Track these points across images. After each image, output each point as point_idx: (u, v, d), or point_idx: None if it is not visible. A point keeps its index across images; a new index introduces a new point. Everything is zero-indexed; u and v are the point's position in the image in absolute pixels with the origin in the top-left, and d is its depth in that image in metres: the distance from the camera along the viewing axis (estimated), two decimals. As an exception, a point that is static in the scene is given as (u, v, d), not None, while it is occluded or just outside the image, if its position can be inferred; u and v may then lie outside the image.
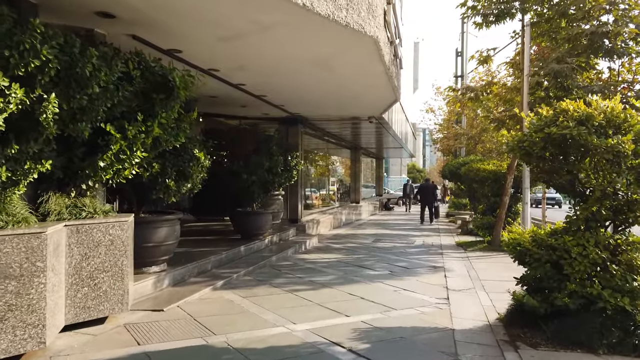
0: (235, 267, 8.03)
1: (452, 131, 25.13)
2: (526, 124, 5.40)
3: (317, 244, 12.31)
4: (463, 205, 22.44)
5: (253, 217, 9.78)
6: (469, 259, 10.48)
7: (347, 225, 18.34)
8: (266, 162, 9.54)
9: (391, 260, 9.96)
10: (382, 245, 12.52)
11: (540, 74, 11.21)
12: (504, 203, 12.09)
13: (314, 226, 14.34)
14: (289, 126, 13.43)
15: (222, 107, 10.64)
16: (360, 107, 11.04)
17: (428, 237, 14.56)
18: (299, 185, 13.37)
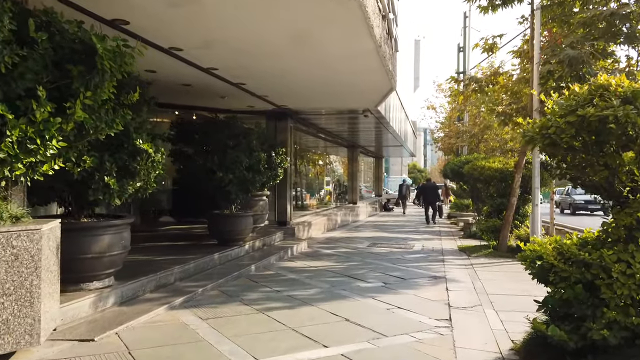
0: (204, 280, 6.90)
1: (453, 129, 23.96)
2: (548, 107, 4.27)
3: (306, 249, 11.18)
4: (465, 206, 21.26)
5: (231, 221, 8.65)
6: (473, 266, 9.33)
7: (342, 228, 17.20)
8: (245, 158, 8.41)
9: (386, 268, 8.82)
10: (378, 250, 11.38)
11: (552, 62, 10.06)
12: (512, 204, 10.95)
13: (305, 229, 13.20)
14: (277, 121, 12.31)
15: (199, 97, 9.52)
16: (352, 97, 9.91)
17: (428, 241, 13.41)
18: (287, 185, 12.25)
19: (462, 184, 16.10)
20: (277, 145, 10.03)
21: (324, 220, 15.34)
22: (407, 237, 14.28)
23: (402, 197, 25.75)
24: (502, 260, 10.17)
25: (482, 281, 7.86)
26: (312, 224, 13.89)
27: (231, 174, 8.31)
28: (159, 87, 8.56)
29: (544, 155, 11.67)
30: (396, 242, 12.92)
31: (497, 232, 11.42)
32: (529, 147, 4.72)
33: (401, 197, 25.85)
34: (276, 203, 12.28)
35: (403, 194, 25.80)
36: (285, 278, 7.71)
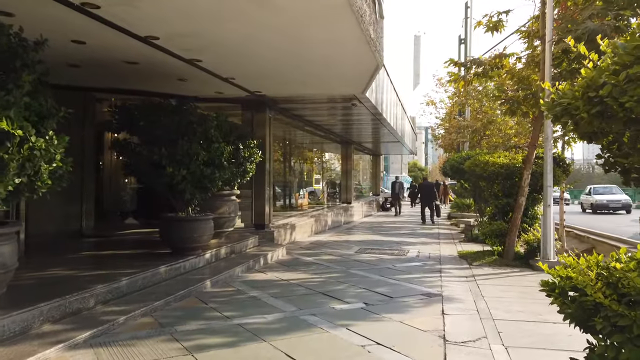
0: (137, 302, 5.42)
1: (453, 123, 22.42)
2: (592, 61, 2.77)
3: (284, 256, 9.69)
4: (467, 206, 19.75)
5: (185, 226, 7.16)
6: (475, 279, 7.84)
7: (333, 230, 15.71)
8: (201, 150, 6.92)
9: (372, 282, 7.34)
10: (367, 257, 9.89)
11: (567, 39, 8.55)
12: (519, 205, 9.45)
13: (287, 232, 11.72)
14: (254, 111, 10.83)
15: (151, 80, 8.04)
16: (332, 80, 8.42)
17: (425, 246, 11.91)
18: (266, 184, 10.77)
19: (463, 182, 14.59)
20: (248, 136, 8.54)
21: (311, 221, 13.85)
22: (401, 241, 12.78)
23: (395, 197, 23.71)
24: (508, 270, 8.68)
25: (486, 300, 6.37)
26: (296, 226, 12.41)
27: (184, 169, 6.83)
28: (97, 65, 7.09)
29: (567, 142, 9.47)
30: (389, 248, 11.42)
31: (503, 236, 9.93)
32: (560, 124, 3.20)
33: (394, 197, 23.79)
34: (253, 204, 10.80)
35: (396, 193, 23.55)
36: (244, 297, 6.22)
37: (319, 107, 11.81)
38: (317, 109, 12.24)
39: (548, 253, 8.86)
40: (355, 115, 13.50)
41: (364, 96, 9.76)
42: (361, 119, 14.21)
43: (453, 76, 10.08)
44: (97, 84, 8.63)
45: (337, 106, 11.68)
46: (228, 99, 10.11)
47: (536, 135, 9.60)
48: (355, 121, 14.97)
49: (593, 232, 15.70)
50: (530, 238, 9.67)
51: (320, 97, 10.19)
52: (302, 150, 17.04)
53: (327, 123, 15.33)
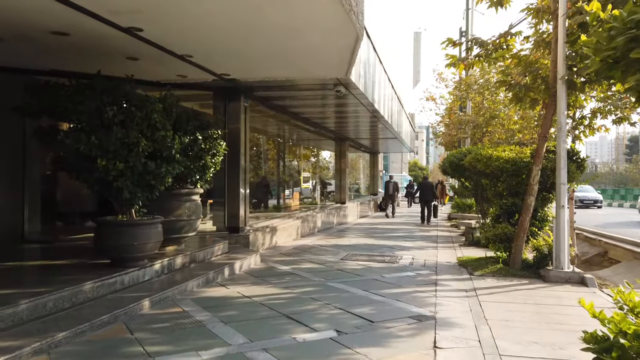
0: (35, 333, 4.13)
1: (454, 119, 21.08)
2: None
3: (257, 265, 8.39)
4: (468, 206, 18.41)
5: (124, 231, 5.85)
6: (477, 293, 6.53)
7: (323, 232, 14.41)
8: (142, 140, 5.62)
9: (352, 299, 6.04)
10: (353, 265, 8.58)
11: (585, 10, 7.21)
12: (528, 205, 8.12)
13: (266, 236, 10.41)
14: (227, 100, 9.53)
15: (94, 59, 6.73)
16: (306, 58, 7.09)
17: (421, 251, 10.59)
18: (240, 182, 9.47)
19: (464, 180, 13.26)
20: (211, 126, 7.23)
21: (296, 224, 12.54)
22: (395, 246, 11.46)
23: (389, 197, 21.40)
24: (515, 282, 7.36)
25: (490, 324, 5.06)
26: (277, 229, 11.10)
27: (121, 162, 5.53)
28: (23, 38, 5.81)
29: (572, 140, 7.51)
30: (380, 253, 10.11)
31: (508, 241, 8.61)
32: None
33: (388, 197, 21.47)
34: (226, 204, 9.50)
35: (390, 193, 21.16)
36: (187, 322, 4.92)
37: (301, 96, 10.50)
38: (300, 99, 10.93)
39: (562, 262, 7.55)
40: (345, 107, 12.19)
41: (349, 81, 8.44)
42: (352, 111, 12.90)
43: (451, 59, 8.74)
44: (35, 64, 7.34)
45: (322, 95, 10.37)
46: (195, 84, 8.80)
47: (547, 126, 8.28)
48: (346, 114, 13.66)
49: (605, 235, 14.36)
50: (540, 244, 8.35)
51: (299, 82, 8.88)
52: (290, 146, 15.72)
53: (316, 116, 14.02)
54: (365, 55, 9.69)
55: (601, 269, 12.07)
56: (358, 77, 9.07)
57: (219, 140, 7.19)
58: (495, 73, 18.69)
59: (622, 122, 9.95)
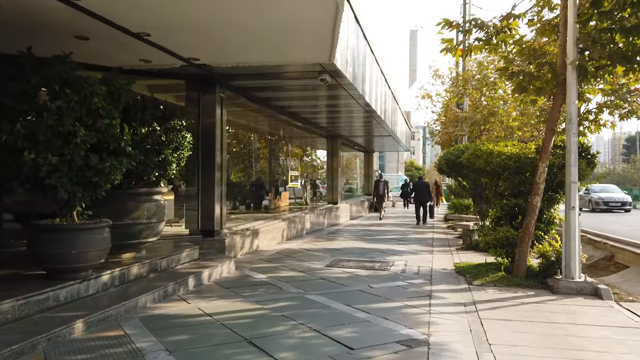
0: None
1: (450, 115, 20.18)
2: None
3: (230, 273, 7.45)
4: (465, 207, 17.50)
5: (60, 237, 4.89)
6: (477, 308, 5.62)
7: (312, 234, 13.47)
8: (81, 128, 4.68)
9: (332, 318, 5.12)
10: (338, 274, 7.66)
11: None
12: (533, 207, 7.22)
13: (246, 240, 9.48)
14: (202, 91, 8.60)
15: (40, 38, 5.79)
16: (281, 38, 6.18)
17: (415, 255, 9.67)
18: (215, 180, 8.54)
19: (461, 180, 12.37)
20: (173, 116, 6.30)
21: (282, 226, 11.61)
22: (388, 250, 10.54)
23: (379, 198, 19.32)
24: (520, 294, 6.45)
25: (494, 351, 4.15)
26: (259, 232, 10.16)
27: (55, 155, 4.59)
28: None
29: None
30: (370, 259, 9.19)
31: (511, 246, 7.70)
32: None
33: (378, 198, 19.39)
34: (200, 205, 8.56)
35: (380, 194, 19.08)
36: (122, 351, 3.98)
37: (284, 86, 9.59)
38: (284, 90, 10.01)
39: (572, 270, 6.64)
40: (333, 100, 11.28)
41: (335, 67, 7.52)
42: (342, 105, 11.99)
43: (447, 43, 7.82)
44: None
45: (307, 85, 9.44)
46: (164, 72, 7.87)
47: (554, 117, 7.37)
48: (336, 108, 12.75)
49: (611, 237, 13.45)
50: (546, 249, 7.44)
51: (278, 69, 7.96)
52: (278, 143, 14.78)
53: (304, 111, 13.09)
54: (354, 42, 8.77)
55: (608, 275, 11.16)
56: (345, 64, 8.15)
57: (183, 133, 6.25)
58: (493, 68, 17.88)
59: (630, 116, 9.05)
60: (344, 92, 9.81)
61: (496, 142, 9.28)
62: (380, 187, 19.21)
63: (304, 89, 9.94)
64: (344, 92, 9.81)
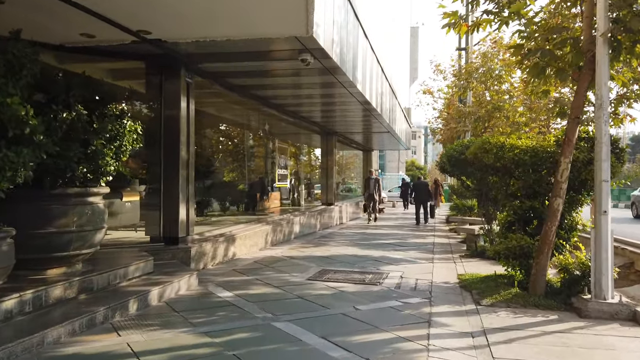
0: None
1: (453, 110, 18.87)
2: None
3: (190, 290, 6.18)
4: (468, 208, 16.20)
5: None
6: (489, 341, 4.35)
7: (301, 238, 12.21)
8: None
9: (297, 358, 3.85)
10: (320, 290, 6.39)
11: None
12: (554, 210, 5.94)
13: (220, 248, 8.22)
14: (164, 75, 7.34)
15: None
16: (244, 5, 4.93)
17: (413, 265, 8.41)
18: (181, 178, 7.29)
19: (465, 179, 11.09)
20: (113, 98, 5.04)
21: (265, 230, 10.34)
22: (383, 257, 9.28)
23: (370, 198, 16.98)
24: (540, 319, 5.17)
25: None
26: (236, 238, 8.90)
27: None
28: None
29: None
30: (361, 269, 7.93)
31: (525, 256, 6.42)
32: None
33: (369, 198, 17.05)
34: (162, 207, 7.31)
35: (371, 193, 16.71)
36: None
37: (262, 70, 8.33)
38: (262, 75, 8.74)
39: (604, 289, 5.35)
40: (321, 89, 10.04)
41: (315, 44, 6.25)
42: (332, 96, 10.74)
43: (451, 17, 6.53)
44: None
45: (287, 69, 8.19)
46: (116, 51, 6.62)
47: (580, 103, 6.09)
48: (327, 100, 11.50)
49: (630, 243, 12.13)
50: (569, 261, 6.17)
51: (251, 47, 6.69)
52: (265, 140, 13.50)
53: (290, 102, 11.83)
54: (341, 18, 7.51)
55: (629, 285, 9.89)
56: (331, 43, 6.90)
57: (123, 120, 4.99)
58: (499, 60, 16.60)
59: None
60: (332, 78, 8.55)
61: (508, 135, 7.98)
62: (371, 185, 16.86)
63: (287, 75, 8.68)
64: (331, 78, 8.54)
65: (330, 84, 9.08)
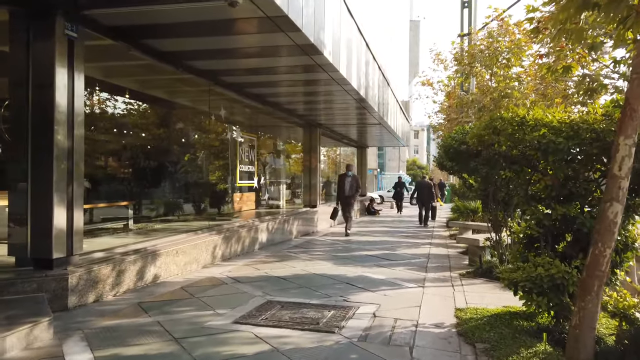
0: None
1: (454, 98, 16.52)
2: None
3: (28, 348, 3.88)
4: (471, 210, 13.85)
5: None
6: None
7: (269, 249, 9.91)
8: None
9: None
10: (240, 345, 4.09)
11: None
12: (608, 223, 3.61)
13: (125, 271, 5.91)
14: (32, 28, 5.05)
15: None
16: None
17: (395, 292, 6.10)
18: (54, 174, 5.00)
19: (467, 176, 8.75)
20: None
21: (211, 241, 8.03)
22: (359, 277, 6.98)
23: (343, 200, 12.80)
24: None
25: None
26: (160, 254, 6.59)
27: None
28: None
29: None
30: (324, 297, 5.65)
31: (557, 291, 4.11)
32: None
33: (344, 201, 12.79)
34: (30, 215, 5.02)
35: (346, 194, 12.63)
36: None
37: (179, 22, 6.00)
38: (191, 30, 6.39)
39: None
40: (279, 58, 7.74)
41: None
42: (295, 70, 8.44)
43: None
44: None
45: (218, 21, 5.88)
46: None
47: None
48: (289, 77, 9.19)
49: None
50: (628, 302, 3.83)
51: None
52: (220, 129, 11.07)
53: (248, 82, 9.48)
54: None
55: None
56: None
57: None
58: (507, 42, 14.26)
59: None
60: (288, 39, 6.24)
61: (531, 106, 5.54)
62: (347, 185, 12.62)
63: (234, 33, 6.38)
64: (286, 39, 6.24)
65: (290, 48, 6.78)
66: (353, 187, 12.72)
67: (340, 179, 13.13)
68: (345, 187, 12.72)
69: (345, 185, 12.72)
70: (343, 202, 12.85)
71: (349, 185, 12.69)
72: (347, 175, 12.89)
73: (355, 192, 12.81)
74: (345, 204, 12.82)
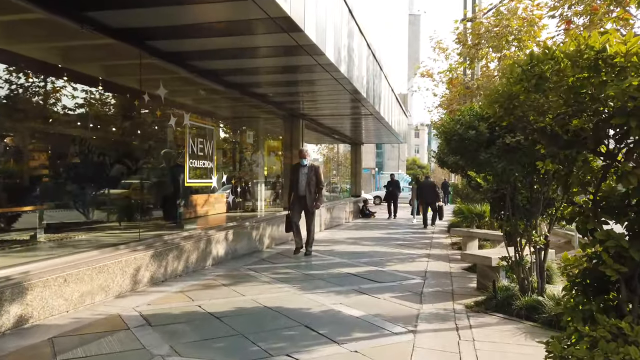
0: None
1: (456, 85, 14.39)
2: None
3: None
4: (477, 215, 11.69)
5: None
6: None
7: (228, 264, 7.81)
8: None
9: None
10: None
11: None
12: None
13: None
14: None
15: None
16: None
17: (372, 344, 3.95)
18: None
19: (473, 174, 6.56)
20: None
21: (132, 260, 5.92)
22: (323, 315, 4.86)
23: (299, 202, 8.63)
24: None
25: None
26: (33, 285, 4.47)
27: None
28: None
29: None
30: (264, 355, 3.52)
31: None
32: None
33: (297, 201, 8.63)
34: None
35: (301, 194, 8.49)
36: None
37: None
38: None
39: None
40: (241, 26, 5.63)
41: None
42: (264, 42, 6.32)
43: None
44: None
45: None
46: None
47: None
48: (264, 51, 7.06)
49: None
50: None
51: None
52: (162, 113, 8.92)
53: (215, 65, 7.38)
54: None
55: None
56: None
57: None
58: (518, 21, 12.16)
59: None
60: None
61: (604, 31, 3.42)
62: (301, 178, 8.48)
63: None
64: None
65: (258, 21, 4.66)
66: (311, 183, 8.46)
67: (292, 171, 8.74)
68: (300, 182, 8.44)
69: (300, 179, 8.43)
70: (296, 205, 8.58)
71: (305, 179, 8.41)
72: (301, 166, 8.55)
73: (315, 190, 8.51)
74: (299, 208, 8.58)
